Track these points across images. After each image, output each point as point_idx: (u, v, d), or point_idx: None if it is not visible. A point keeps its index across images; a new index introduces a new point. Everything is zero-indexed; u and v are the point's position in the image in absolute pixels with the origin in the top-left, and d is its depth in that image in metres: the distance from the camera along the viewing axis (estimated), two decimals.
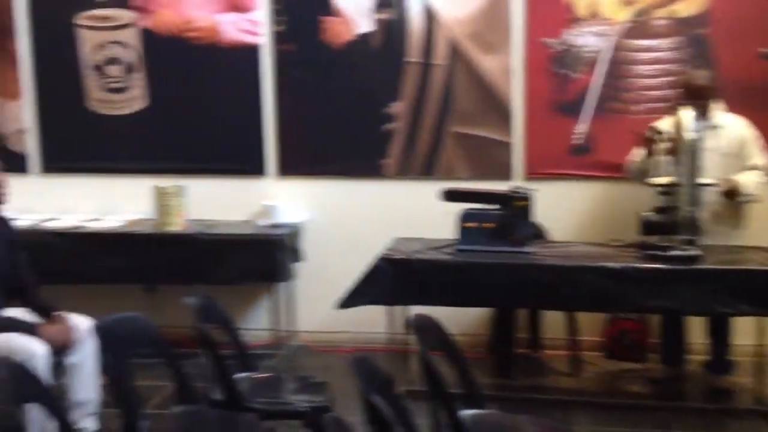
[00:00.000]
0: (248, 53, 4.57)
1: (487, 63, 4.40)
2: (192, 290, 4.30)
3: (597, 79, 4.33)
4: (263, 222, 4.55)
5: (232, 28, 4.57)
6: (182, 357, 2.85)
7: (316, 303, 4.62)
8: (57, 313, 3.42)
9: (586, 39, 4.31)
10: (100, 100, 4.71)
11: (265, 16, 4.57)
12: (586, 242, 4.08)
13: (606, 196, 4.45)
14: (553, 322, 4.30)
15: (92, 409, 3.37)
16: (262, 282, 4.57)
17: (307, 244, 4.64)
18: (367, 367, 2.09)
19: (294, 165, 4.67)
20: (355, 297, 3.74)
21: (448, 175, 4.48)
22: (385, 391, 2.08)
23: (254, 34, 4.57)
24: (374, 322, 4.15)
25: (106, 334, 2.60)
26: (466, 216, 3.79)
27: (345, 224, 4.66)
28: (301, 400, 2.86)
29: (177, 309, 3.76)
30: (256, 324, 4.64)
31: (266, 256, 4.32)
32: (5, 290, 3.45)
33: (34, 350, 3.11)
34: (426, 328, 2.69)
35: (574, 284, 3.54)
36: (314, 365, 4.33)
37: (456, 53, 4.42)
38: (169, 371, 2.85)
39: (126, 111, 4.71)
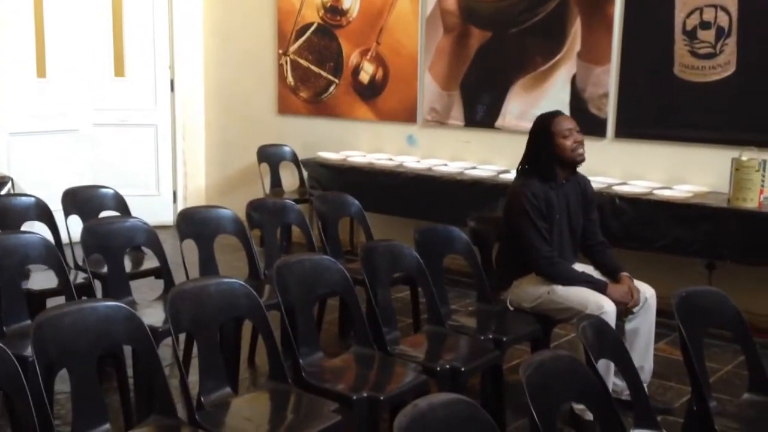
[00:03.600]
0: None
1: None
2: (759, 272, 3.96)
3: None
4: None
5: None
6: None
7: None
8: (623, 273, 3.45)
9: None
10: (686, 65, 4.57)
11: None
12: None
13: None
14: None
15: (644, 377, 3.33)
16: None
17: None
18: None
19: None
20: None
21: None
22: None
23: None
24: None
25: (686, 307, 2.50)
26: None
27: None
28: None
29: (738, 290, 3.52)
30: None
31: None
32: (576, 246, 3.60)
33: (605, 307, 3.19)
34: None
35: None
36: None
37: None
38: (745, 355, 2.66)
39: (712, 78, 4.49)
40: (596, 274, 3.48)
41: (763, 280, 4.29)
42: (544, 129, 3.46)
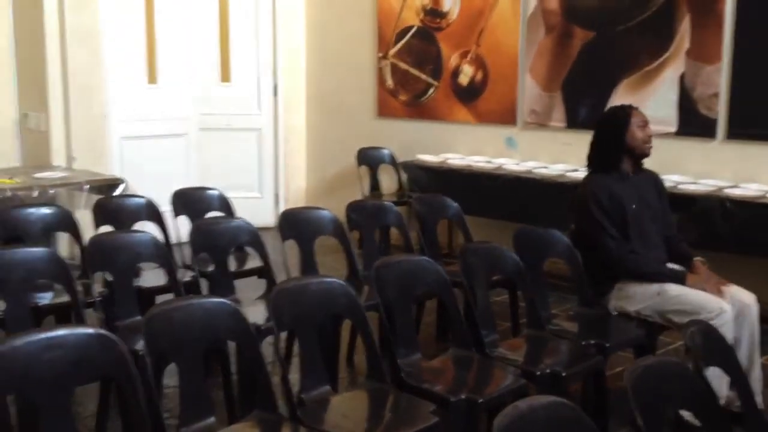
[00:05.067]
0: None
1: None
2: None
3: None
4: None
5: None
6: None
7: None
8: (696, 258, 3.42)
9: None
10: None
11: None
12: None
13: None
14: None
15: (752, 389, 3.19)
16: None
17: None
18: None
19: None
20: None
21: None
22: None
23: None
24: None
25: None
26: None
27: None
28: None
29: None
30: None
31: None
32: (661, 235, 3.50)
33: (723, 307, 3.12)
34: None
35: None
36: None
37: None
38: None
39: None
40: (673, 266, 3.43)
41: None
42: (620, 118, 3.48)
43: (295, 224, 3.78)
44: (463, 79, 5.95)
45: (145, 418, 2.14)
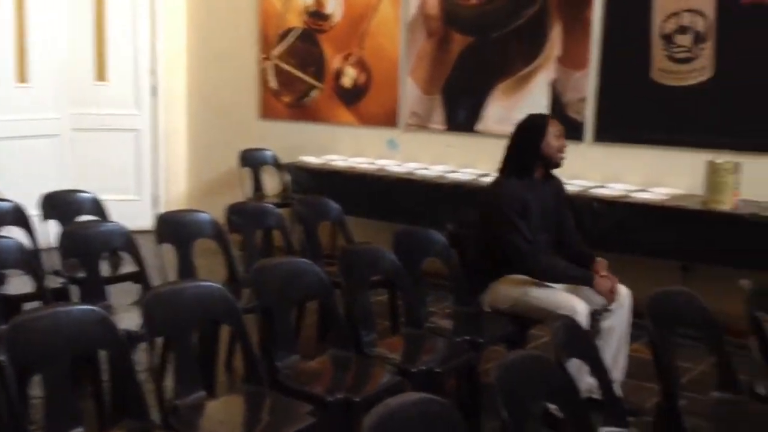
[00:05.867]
0: None
1: None
2: (733, 274, 4.01)
3: None
4: None
5: None
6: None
7: None
8: (598, 258, 3.53)
9: None
10: (664, 70, 4.61)
11: None
12: None
13: None
14: None
15: (618, 375, 3.37)
16: None
17: None
18: None
19: None
20: None
21: None
22: None
23: None
24: None
25: (656, 307, 2.53)
26: None
27: None
28: None
29: (714, 292, 3.55)
30: None
31: None
32: (551, 247, 3.63)
33: (576, 307, 3.23)
34: None
35: None
36: None
37: None
38: (712, 355, 2.69)
39: (689, 82, 4.53)
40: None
41: (737, 281, 4.33)
42: (537, 125, 3.53)
43: (172, 227, 3.71)
44: (346, 81, 5.99)
45: (7, 430, 2.06)
